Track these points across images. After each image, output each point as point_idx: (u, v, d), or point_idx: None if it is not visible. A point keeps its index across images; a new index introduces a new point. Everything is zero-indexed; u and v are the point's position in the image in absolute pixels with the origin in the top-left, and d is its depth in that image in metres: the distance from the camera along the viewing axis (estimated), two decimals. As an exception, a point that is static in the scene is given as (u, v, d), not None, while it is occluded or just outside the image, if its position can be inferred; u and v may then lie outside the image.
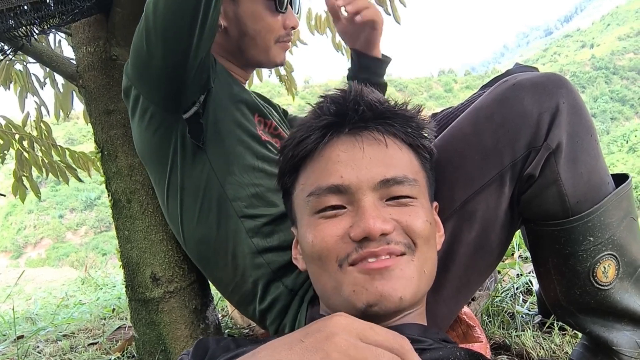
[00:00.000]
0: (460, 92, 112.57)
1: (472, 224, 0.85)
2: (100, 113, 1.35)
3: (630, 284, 0.91)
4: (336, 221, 0.69)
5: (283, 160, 0.78)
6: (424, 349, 0.64)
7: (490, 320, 1.45)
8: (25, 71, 2.37)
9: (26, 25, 1.15)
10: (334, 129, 0.72)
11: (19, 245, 56.05)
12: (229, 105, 1.08)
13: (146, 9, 0.96)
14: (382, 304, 0.65)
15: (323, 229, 0.69)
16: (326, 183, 0.70)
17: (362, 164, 0.69)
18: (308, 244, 0.71)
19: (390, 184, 0.69)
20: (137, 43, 1.00)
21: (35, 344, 1.85)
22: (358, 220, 0.66)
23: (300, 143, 0.74)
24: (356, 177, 0.69)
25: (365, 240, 0.66)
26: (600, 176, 0.87)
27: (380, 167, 0.70)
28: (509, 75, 0.90)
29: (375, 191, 0.69)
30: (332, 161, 0.71)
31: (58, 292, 4.40)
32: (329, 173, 0.70)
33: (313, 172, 0.73)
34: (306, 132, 0.74)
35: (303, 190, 0.74)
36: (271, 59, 1.20)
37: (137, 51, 1.00)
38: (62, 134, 63.74)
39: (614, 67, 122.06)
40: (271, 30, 1.15)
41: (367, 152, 0.70)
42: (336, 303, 0.70)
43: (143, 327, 1.33)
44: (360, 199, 0.68)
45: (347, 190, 0.69)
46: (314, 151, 0.73)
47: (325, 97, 0.75)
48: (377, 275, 0.65)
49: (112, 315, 2.19)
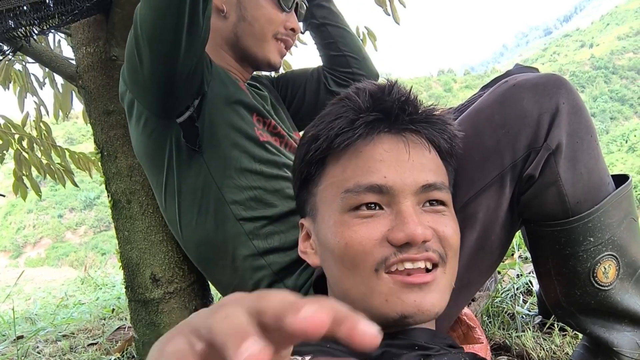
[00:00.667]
0: (460, 92, 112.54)
1: (473, 225, 0.85)
2: (100, 113, 1.35)
3: (630, 284, 0.91)
4: (373, 223, 0.66)
5: (314, 149, 0.72)
6: (430, 355, 0.63)
7: (490, 320, 1.45)
8: (24, 71, 2.37)
9: (26, 25, 1.15)
10: (378, 126, 0.70)
11: (18, 244, 56.00)
12: (224, 108, 1.07)
13: (135, 16, 0.96)
14: (418, 317, 0.64)
15: (359, 230, 0.66)
16: (367, 181, 0.67)
17: (406, 167, 0.67)
18: (339, 245, 0.67)
19: (431, 189, 0.68)
20: (128, 48, 1.00)
21: (35, 344, 1.85)
22: (400, 225, 0.64)
23: (339, 135, 0.69)
24: (400, 179, 0.66)
25: (406, 246, 0.64)
26: (600, 176, 0.87)
27: (423, 171, 0.68)
28: (509, 76, 0.90)
29: (416, 195, 0.67)
30: (374, 159, 0.68)
31: (57, 292, 4.40)
32: (370, 171, 0.67)
33: (350, 167, 0.69)
34: (348, 125, 0.69)
35: (335, 184, 0.70)
36: (265, 54, 1.17)
37: (129, 56, 1.00)
38: (61, 133, 63.64)
39: (614, 67, 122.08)
40: (270, 21, 1.14)
41: (412, 154, 0.69)
42: (360, 308, 0.65)
43: (143, 328, 1.33)
44: (401, 202, 0.66)
45: (388, 191, 0.66)
46: (351, 145, 0.69)
47: (362, 90, 0.72)
48: (415, 288, 0.64)
49: (112, 316, 2.19)
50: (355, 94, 0.72)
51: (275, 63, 1.20)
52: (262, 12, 1.14)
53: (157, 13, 0.91)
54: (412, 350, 0.63)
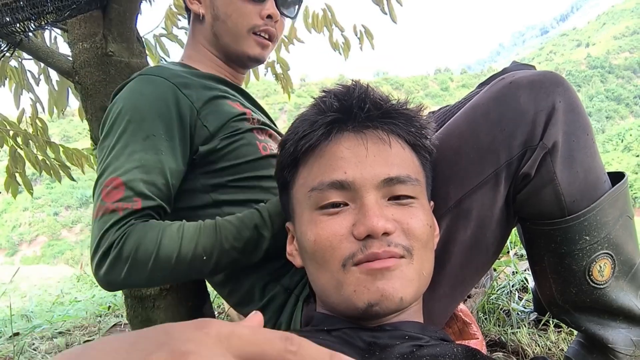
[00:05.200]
0: (457, 91, 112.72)
1: (468, 222, 0.85)
2: (97, 109, 1.34)
3: (625, 282, 0.91)
4: (339, 219, 0.68)
5: (284, 154, 0.77)
6: (422, 345, 0.64)
7: (486, 317, 1.45)
8: (20, 67, 2.36)
9: (23, 21, 1.15)
10: (338, 126, 0.72)
11: (13, 242, 55.86)
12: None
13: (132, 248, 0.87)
14: (383, 303, 0.65)
15: (325, 227, 0.69)
16: (329, 178, 0.69)
17: (366, 162, 0.69)
18: (309, 242, 0.70)
19: (394, 182, 0.69)
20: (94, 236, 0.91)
21: (31, 341, 1.85)
22: (361, 218, 0.66)
23: (303, 137, 0.73)
24: (360, 174, 0.68)
25: (369, 239, 0.66)
26: (597, 175, 0.87)
27: (384, 165, 0.70)
28: (506, 73, 0.90)
29: (379, 190, 0.69)
30: (335, 157, 0.70)
31: (53, 289, 4.39)
32: (332, 169, 0.70)
33: (315, 167, 0.72)
34: (310, 127, 0.73)
35: (304, 185, 0.73)
36: (244, 49, 1.14)
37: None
38: (57, 131, 63.47)
39: (610, 66, 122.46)
40: (242, 15, 1.11)
41: (371, 150, 0.70)
42: (336, 302, 0.69)
43: (139, 325, 1.32)
44: (363, 197, 0.68)
45: (350, 186, 0.68)
46: (317, 146, 0.72)
47: (328, 92, 0.75)
48: (378, 275, 0.65)
49: (108, 313, 2.19)
50: (323, 97, 0.75)
51: (257, 56, 1.16)
52: (232, 7, 1.11)
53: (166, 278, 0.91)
54: (404, 341, 0.65)
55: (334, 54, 2.76)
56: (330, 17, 2.63)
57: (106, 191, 0.90)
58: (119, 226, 0.88)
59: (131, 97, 0.99)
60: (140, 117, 0.96)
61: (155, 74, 1.02)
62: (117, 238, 0.87)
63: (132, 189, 0.90)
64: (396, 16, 2.36)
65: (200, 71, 1.12)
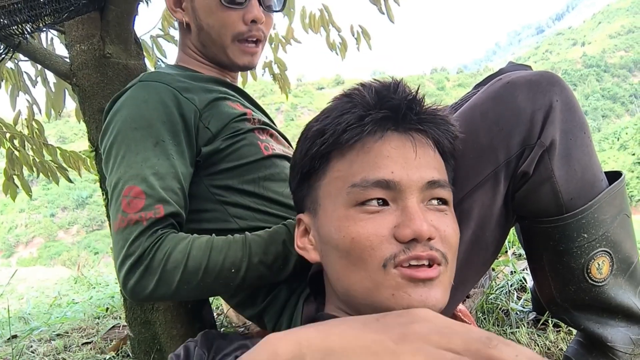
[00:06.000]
0: (453, 90, 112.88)
1: (468, 222, 0.85)
2: (95, 111, 1.34)
3: (624, 280, 0.92)
4: (379, 219, 0.66)
5: (319, 142, 0.72)
6: None
7: (485, 317, 1.46)
8: (16, 69, 2.36)
9: (20, 23, 1.14)
10: (387, 124, 0.70)
11: (10, 244, 55.70)
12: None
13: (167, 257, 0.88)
14: None
15: (365, 225, 0.66)
16: (375, 177, 0.67)
17: (413, 164, 0.68)
18: (344, 240, 0.67)
19: (436, 186, 0.68)
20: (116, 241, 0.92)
21: (29, 343, 1.84)
22: (406, 221, 0.65)
23: (347, 131, 0.70)
24: (407, 175, 0.67)
25: (412, 242, 0.64)
26: (594, 173, 0.87)
27: (429, 168, 0.69)
28: (502, 74, 0.90)
29: (421, 192, 0.68)
30: (382, 155, 0.68)
31: (51, 291, 4.38)
32: (378, 167, 0.68)
33: (357, 163, 0.69)
34: (357, 121, 0.69)
35: (340, 179, 0.70)
36: (231, 59, 1.13)
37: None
38: (53, 132, 63.30)
39: (605, 65, 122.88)
40: (225, 25, 1.10)
41: (419, 153, 0.69)
42: (364, 303, 0.67)
43: (138, 326, 1.32)
44: (407, 198, 0.66)
45: (395, 186, 0.67)
46: (360, 141, 0.70)
47: (369, 87, 0.72)
48: (420, 283, 0.64)
49: (106, 315, 2.19)
50: (361, 91, 0.72)
51: (246, 65, 1.15)
52: (214, 18, 1.09)
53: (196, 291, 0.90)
54: None
55: (331, 54, 2.77)
56: (327, 17, 2.63)
57: (126, 201, 0.90)
58: (146, 236, 0.87)
59: (135, 105, 0.98)
60: (147, 124, 0.96)
61: (155, 80, 1.01)
62: (148, 248, 0.87)
63: (153, 197, 0.90)
64: (393, 16, 2.36)
65: (198, 74, 1.12)
